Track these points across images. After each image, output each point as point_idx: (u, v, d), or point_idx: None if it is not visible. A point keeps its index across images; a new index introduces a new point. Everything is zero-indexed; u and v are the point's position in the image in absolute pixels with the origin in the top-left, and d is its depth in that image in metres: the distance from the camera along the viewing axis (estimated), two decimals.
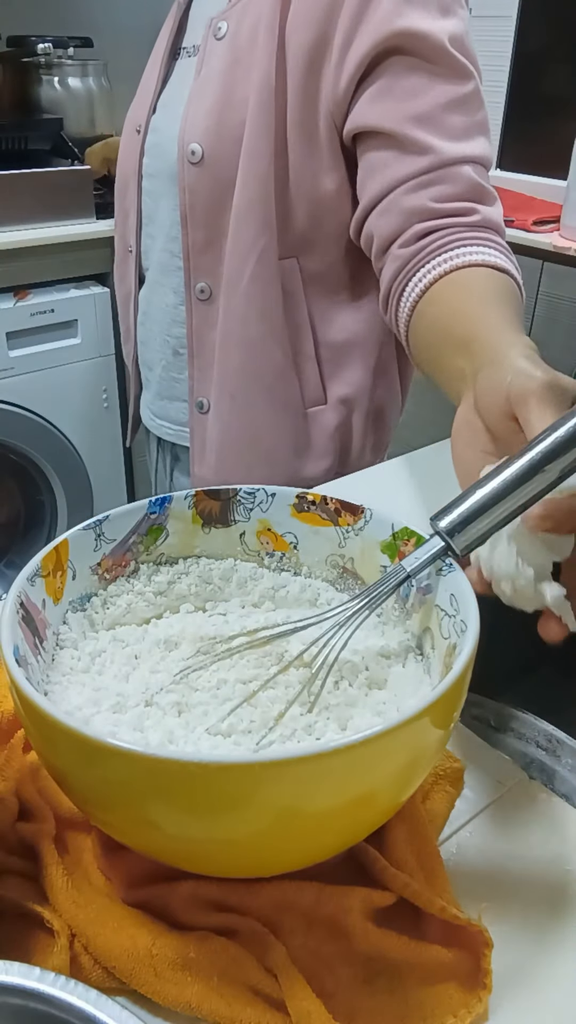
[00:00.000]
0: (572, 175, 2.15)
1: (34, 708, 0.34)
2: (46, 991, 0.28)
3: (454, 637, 0.41)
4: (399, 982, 0.38)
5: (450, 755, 0.47)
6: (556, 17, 2.43)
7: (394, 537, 0.48)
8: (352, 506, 0.50)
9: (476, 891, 0.42)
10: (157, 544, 0.51)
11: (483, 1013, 0.37)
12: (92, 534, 0.48)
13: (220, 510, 0.52)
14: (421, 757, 0.37)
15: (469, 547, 0.43)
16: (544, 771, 0.57)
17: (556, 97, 2.47)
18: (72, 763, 0.36)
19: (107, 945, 0.37)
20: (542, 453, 0.42)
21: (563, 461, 0.41)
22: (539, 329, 2.23)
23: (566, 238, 2.17)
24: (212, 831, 0.35)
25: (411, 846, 0.42)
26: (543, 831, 0.45)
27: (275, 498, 0.51)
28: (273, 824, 0.34)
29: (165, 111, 0.92)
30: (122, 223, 1.01)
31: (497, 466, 0.43)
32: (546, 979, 0.38)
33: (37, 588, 0.44)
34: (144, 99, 0.95)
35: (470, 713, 0.61)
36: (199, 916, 0.39)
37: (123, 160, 0.99)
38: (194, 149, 0.83)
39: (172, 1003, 0.36)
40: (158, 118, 0.93)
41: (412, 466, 0.81)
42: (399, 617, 0.48)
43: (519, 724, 0.60)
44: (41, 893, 0.40)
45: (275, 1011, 0.36)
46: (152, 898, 0.39)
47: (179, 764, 0.32)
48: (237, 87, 0.81)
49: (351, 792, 0.35)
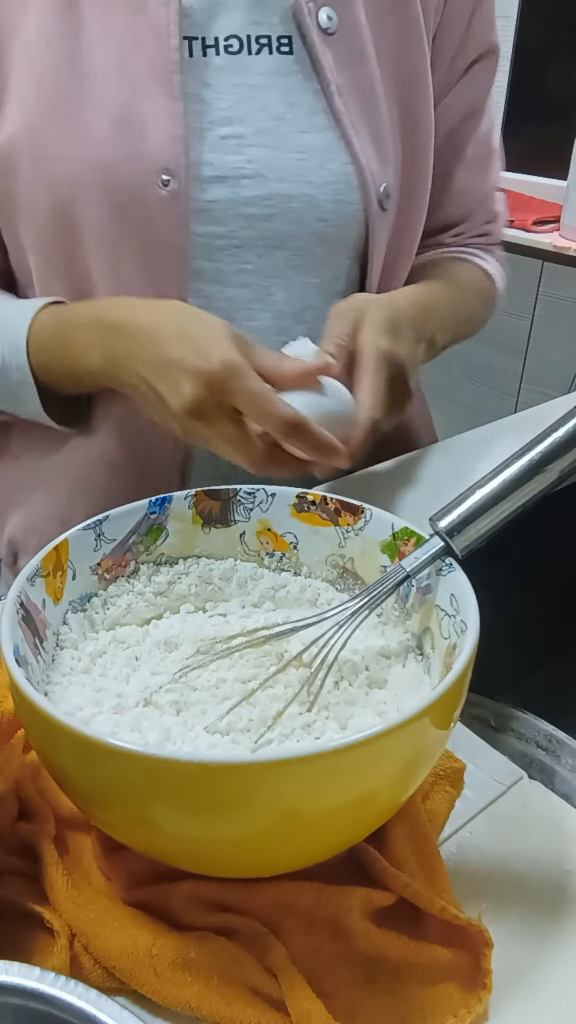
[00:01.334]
0: (572, 175, 2.15)
1: (34, 708, 0.34)
2: (46, 991, 0.28)
3: (454, 637, 0.41)
4: (399, 982, 0.38)
5: (450, 755, 0.47)
6: (556, 17, 2.43)
7: (394, 537, 0.48)
8: (352, 506, 0.50)
9: (476, 891, 0.42)
10: (157, 544, 0.51)
11: (483, 1013, 0.37)
12: (92, 534, 0.48)
13: (220, 510, 0.52)
14: (421, 757, 0.37)
15: (469, 547, 0.43)
16: (544, 771, 0.57)
17: (556, 97, 2.47)
18: (72, 763, 0.36)
19: (107, 945, 0.37)
20: (542, 453, 0.42)
21: (563, 461, 0.41)
22: (539, 329, 2.23)
23: (566, 238, 2.17)
24: (212, 831, 0.35)
25: (411, 846, 0.42)
26: (543, 831, 0.45)
27: (275, 498, 0.51)
28: (273, 824, 0.34)
29: (242, 142, 0.67)
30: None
31: (497, 466, 0.43)
32: (546, 979, 0.38)
33: (37, 588, 0.44)
34: (158, 124, 0.63)
35: (470, 713, 0.61)
36: (199, 916, 0.39)
37: (123, 233, 0.66)
38: (388, 191, 0.72)
39: (172, 1003, 0.36)
40: (233, 155, 0.66)
41: (412, 466, 0.81)
42: (399, 617, 0.48)
43: (519, 724, 0.60)
44: (41, 893, 0.40)
45: (275, 1011, 0.36)
46: (152, 898, 0.39)
47: (179, 764, 0.32)
48: (403, 88, 0.73)
49: (351, 792, 0.35)
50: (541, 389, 2.23)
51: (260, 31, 0.68)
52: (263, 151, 0.68)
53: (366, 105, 0.71)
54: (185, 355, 0.56)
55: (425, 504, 0.74)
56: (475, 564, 0.44)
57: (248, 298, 0.71)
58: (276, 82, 0.68)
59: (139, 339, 0.60)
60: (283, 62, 0.69)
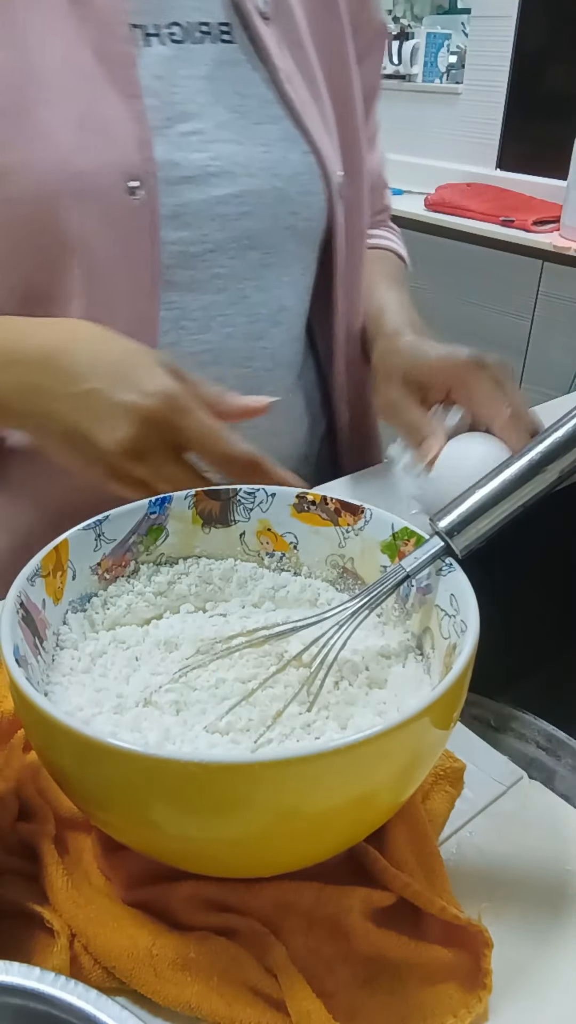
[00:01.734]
0: (572, 175, 2.15)
1: (34, 708, 0.34)
2: (46, 991, 0.28)
3: (454, 637, 0.41)
4: (399, 982, 0.38)
5: (450, 755, 0.47)
6: (556, 17, 2.43)
7: (394, 537, 0.48)
8: (352, 506, 0.50)
9: (476, 891, 0.42)
10: (157, 544, 0.51)
11: (483, 1013, 0.37)
12: (92, 534, 0.48)
13: (220, 510, 0.52)
14: (421, 757, 0.37)
15: (469, 547, 0.43)
16: (544, 771, 0.57)
17: (556, 97, 2.47)
18: (72, 763, 0.36)
19: (107, 945, 0.37)
20: (541, 453, 0.42)
21: (563, 462, 0.41)
22: (539, 329, 2.23)
23: (566, 238, 2.17)
24: (212, 831, 0.35)
25: (411, 846, 0.42)
26: (543, 831, 0.45)
27: (275, 498, 0.51)
28: (273, 824, 0.34)
29: (204, 138, 0.62)
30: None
31: (497, 466, 0.43)
32: (546, 979, 0.38)
33: (37, 588, 0.44)
34: (120, 125, 0.58)
35: (470, 713, 0.61)
36: (199, 916, 0.39)
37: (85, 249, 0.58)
38: (342, 177, 0.71)
39: (172, 1003, 0.36)
40: (198, 152, 0.62)
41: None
42: (399, 617, 0.48)
43: (519, 724, 0.60)
44: (41, 893, 0.40)
45: (275, 1011, 0.36)
46: (152, 898, 0.39)
47: (179, 764, 0.32)
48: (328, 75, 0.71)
49: (351, 792, 0.35)
50: (541, 389, 2.23)
51: (200, 17, 0.64)
52: (227, 146, 0.63)
53: (312, 91, 0.69)
54: (113, 386, 0.49)
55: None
56: (475, 564, 0.44)
57: (223, 303, 0.66)
58: (225, 72, 0.64)
59: (47, 368, 0.51)
60: (227, 51, 0.64)
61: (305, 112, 0.67)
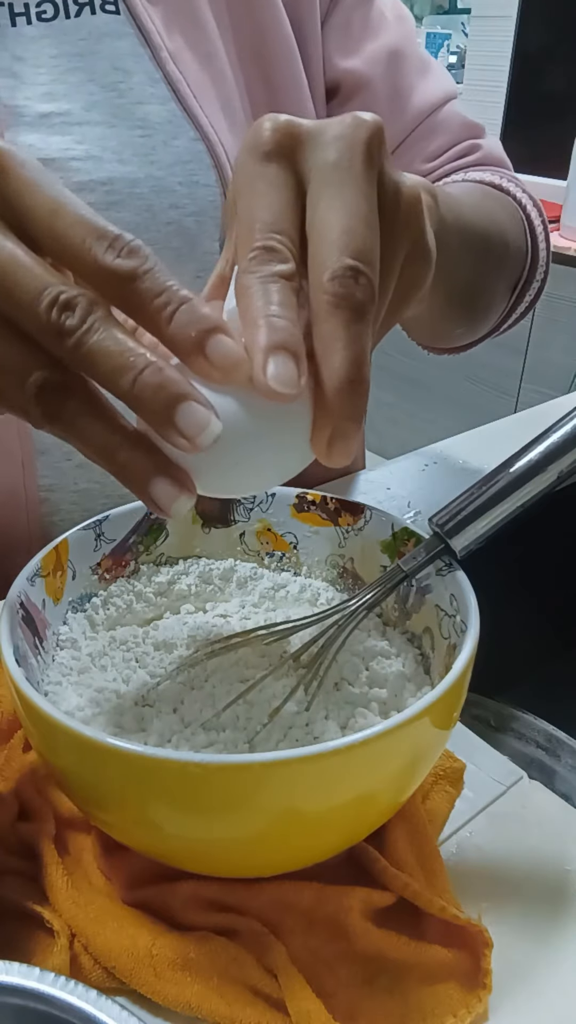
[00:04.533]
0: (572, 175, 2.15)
1: (34, 708, 0.34)
2: (46, 991, 0.28)
3: (454, 637, 0.41)
4: (399, 982, 0.38)
5: (450, 755, 0.47)
6: (556, 17, 2.43)
7: (394, 537, 0.48)
8: (352, 506, 0.50)
9: (476, 891, 0.42)
10: (157, 544, 0.51)
11: (483, 1013, 0.37)
12: (92, 534, 0.48)
13: (220, 510, 0.52)
14: (421, 757, 0.37)
15: (469, 547, 0.43)
16: (544, 771, 0.57)
17: (556, 97, 2.47)
18: (72, 763, 0.36)
19: (107, 945, 0.37)
20: (542, 454, 0.42)
21: (563, 462, 0.41)
22: (539, 329, 2.23)
23: (566, 238, 2.17)
24: (212, 831, 0.35)
25: (411, 846, 0.42)
26: (543, 831, 0.45)
27: (275, 498, 0.51)
28: (273, 824, 0.34)
29: (68, 119, 0.57)
30: None
31: (497, 466, 0.43)
32: (546, 979, 0.38)
33: (37, 588, 0.44)
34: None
35: (470, 713, 0.61)
36: (199, 916, 0.39)
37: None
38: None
39: (172, 1003, 0.36)
40: (59, 135, 0.56)
41: (412, 466, 0.81)
42: (399, 617, 0.48)
43: (519, 724, 0.60)
44: (41, 893, 0.40)
45: (275, 1011, 0.36)
46: (152, 898, 0.39)
47: (179, 764, 0.32)
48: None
49: (351, 792, 0.35)
50: (541, 389, 2.23)
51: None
52: (96, 128, 0.57)
53: (212, 72, 0.61)
54: None
55: (425, 504, 0.74)
56: (475, 564, 0.44)
57: None
58: (104, 46, 0.58)
59: None
60: (111, 22, 0.58)
61: (198, 94, 0.60)
